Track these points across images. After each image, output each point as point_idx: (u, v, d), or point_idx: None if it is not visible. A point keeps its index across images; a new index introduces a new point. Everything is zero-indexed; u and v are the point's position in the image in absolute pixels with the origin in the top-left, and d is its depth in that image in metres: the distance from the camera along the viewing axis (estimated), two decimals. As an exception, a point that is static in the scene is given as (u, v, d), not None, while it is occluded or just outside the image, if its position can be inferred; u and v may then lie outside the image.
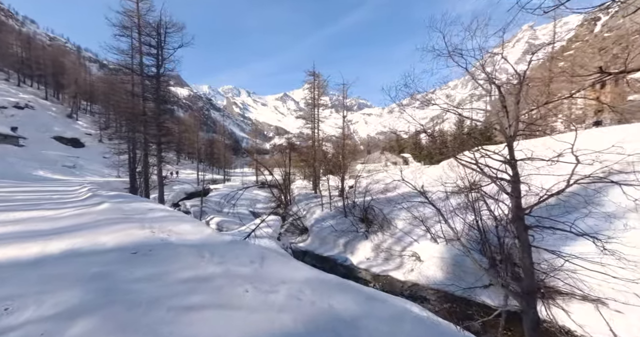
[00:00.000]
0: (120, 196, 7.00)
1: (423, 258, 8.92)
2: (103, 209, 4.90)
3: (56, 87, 60.87)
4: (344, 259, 10.82)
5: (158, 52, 12.09)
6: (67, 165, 32.00)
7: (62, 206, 5.51)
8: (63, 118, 52.97)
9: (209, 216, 16.77)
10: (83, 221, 3.78)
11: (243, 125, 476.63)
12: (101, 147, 43.97)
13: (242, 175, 47.94)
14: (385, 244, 10.35)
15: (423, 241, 9.39)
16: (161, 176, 12.46)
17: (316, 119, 24.74)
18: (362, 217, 12.72)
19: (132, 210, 4.90)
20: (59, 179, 23.41)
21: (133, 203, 5.55)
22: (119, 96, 14.97)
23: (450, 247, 8.56)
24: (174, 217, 4.50)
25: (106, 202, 5.32)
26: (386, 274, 9.24)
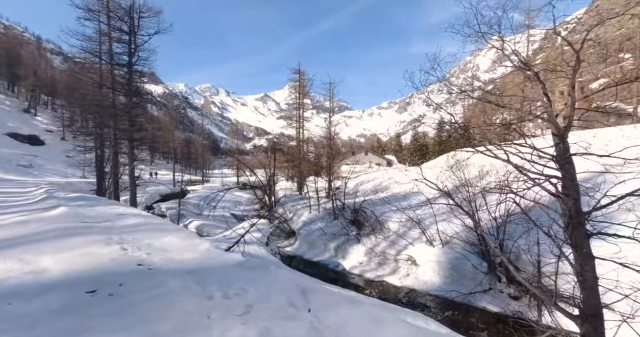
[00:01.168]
0: (83, 198, 5.92)
1: (419, 262, 8.62)
2: (57, 214, 3.94)
3: (11, 79, 55.19)
4: (336, 264, 10.29)
5: (130, 38, 10.78)
6: (22, 165, 28.76)
7: (5, 209, 4.46)
8: (19, 113, 48.03)
9: (187, 220, 15.56)
10: (25, 232, 2.87)
11: (222, 125, 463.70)
12: (64, 145, 40.24)
13: (221, 176, 46.01)
14: (378, 247, 9.97)
15: (418, 243, 9.11)
16: (133, 176, 11.18)
17: (301, 118, 24.14)
18: (353, 220, 12.30)
19: (97, 216, 3.99)
20: (12, 180, 20.80)
21: (98, 207, 4.57)
22: (85, 88, 13.36)
23: (447, 250, 8.33)
24: (153, 225, 3.67)
25: (63, 206, 4.32)
26: (381, 280, 8.84)
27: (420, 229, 9.19)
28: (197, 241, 2.76)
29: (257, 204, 24.98)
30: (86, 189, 21.41)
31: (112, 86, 10.94)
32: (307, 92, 24.10)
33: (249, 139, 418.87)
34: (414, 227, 9.91)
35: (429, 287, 7.85)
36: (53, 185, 13.85)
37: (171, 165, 50.35)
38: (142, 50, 11.02)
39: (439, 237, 8.68)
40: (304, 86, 23.97)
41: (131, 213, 4.31)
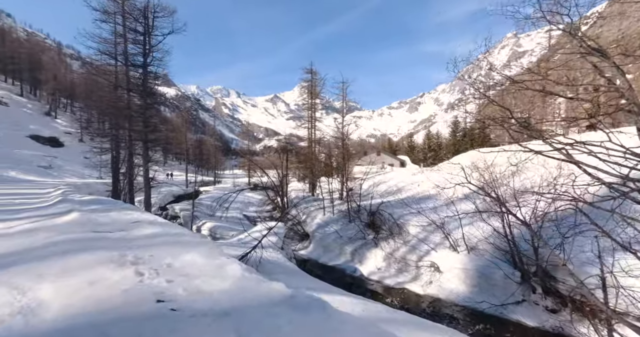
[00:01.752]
0: (97, 202, 5.73)
1: (443, 269, 8.12)
2: (69, 221, 3.77)
3: (33, 83, 57.52)
4: (353, 269, 9.89)
5: (145, 39, 10.74)
6: (42, 166, 29.68)
7: (17, 214, 4.30)
8: (40, 116, 49.88)
9: (200, 221, 15.50)
10: (30, 244, 2.66)
11: (232, 127, 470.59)
12: (82, 147, 41.45)
13: (233, 176, 46.30)
14: (398, 252, 9.51)
15: (441, 249, 8.60)
16: (148, 177, 11.15)
17: (313, 118, 23.84)
18: (369, 223, 11.86)
19: (110, 223, 3.79)
20: (33, 181, 21.42)
21: (112, 212, 4.35)
22: (101, 90, 13.51)
23: (473, 257, 7.80)
24: (171, 236, 3.37)
25: (76, 211, 4.12)
26: (402, 287, 8.39)
27: (444, 234, 8.68)
28: (224, 261, 2.36)
29: (269, 205, 24.86)
30: (102, 190, 21.80)
31: (127, 87, 10.95)
32: (318, 93, 23.79)
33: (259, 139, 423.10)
34: (435, 231, 9.41)
35: (455, 297, 7.35)
36: (70, 186, 14.05)
37: (183, 166, 51.15)
38: (156, 51, 11.02)
39: (464, 243, 8.15)
40: (315, 86, 23.68)
41: (146, 220, 4.00)
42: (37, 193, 11.00)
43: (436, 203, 11.92)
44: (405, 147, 55.08)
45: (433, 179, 15.80)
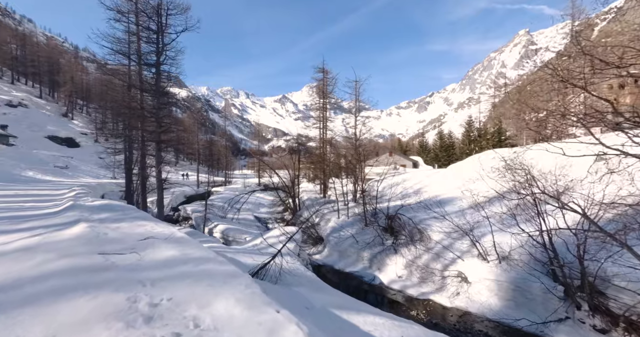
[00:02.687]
0: (108, 208, 5.42)
1: (471, 280, 7.52)
2: (74, 236, 3.40)
3: (51, 85, 59.41)
4: (371, 276, 9.39)
5: (158, 37, 10.56)
6: (59, 166, 30.34)
7: (21, 223, 4.02)
8: (58, 117, 51.34)
9: (212, 223, 15.28)
10: (19, 274, 2.23)
11: (242, 127, 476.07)
12: (96, 147, 42.36)
13: (243, 177, 46.36)
14: (420, 260, 8.95)
15: (468, 258, 8.00)
16: (160, 178, 10.98)
17: (325, 118, 23.41)
18: (386, 227, 11.33)
19: (120, 239, 3.38)
20: (50, 181, 21.82)
21: (123, 222, 3.98)
22: (115, 91, 13.51)
23: (506, 267, 7.18)
24: (194, 262, 2.74)
25: (83, 222, 3.80)
26: (426, 298, 7.83)
27: (471, 241, 8.07)
28: (272, 315, 1.76)
29: (280, 206, 24.56)
30: (116, 191, 22.00)
31: (140, 87, 10.80)
32: (330, 92, 23.33)
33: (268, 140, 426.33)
34: (460, 237, 8.81)
35: (487, 311, 6.76)
36: (84, 187, 14.09)
37: (194, 166, 51.62)
38: (169, 49, 10.82)
39: (495, 251, 7.53)
40: (327, 85, 23.24)
41: (161, 235, 3.52)
42: (50, 194, 10.97)
43: (460, 206, 11.30)
44: (416, 147, 53.97)
45: (454, 179, 15.16)
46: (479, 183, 12.40)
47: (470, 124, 40.00)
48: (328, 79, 22.90)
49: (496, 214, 8.59)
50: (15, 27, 79.48)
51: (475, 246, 7.91)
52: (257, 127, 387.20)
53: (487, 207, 9.52)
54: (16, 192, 11.61)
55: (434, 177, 17.84)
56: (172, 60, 10.79)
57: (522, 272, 6.83)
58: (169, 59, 10.77)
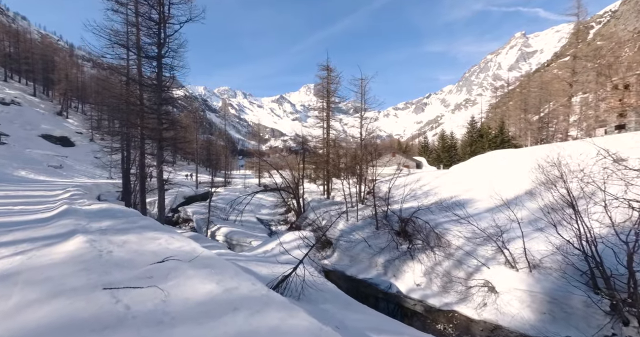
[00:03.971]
0: (108, 214, 4.72)
1: (499, 289, 6.99)
2: (67, 256, 2.67)
3: (46, 83, 58.21)
4: (387, 284, 8.83)
5: (160, 28, 9.84)
6: (53, 165, 29.44)
7: (4, 234, 3.35)
8: (52, 116, 50.19)
9: (214, 226, 14.63)
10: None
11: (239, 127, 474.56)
12: (92, 147, 41.45)
13: (243, 177, 45.61)
14: (440, 267, 8.41)
15: (495, 265, 7.48)
16: (162, 179, 10.30)
17: (328, 117, 22.86)
18: (400, 231, 10.78)
19: (128, 262, 2.64)
20: (43, 181, 20.99)
21: (129, 234, 3.27)
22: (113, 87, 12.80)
23: (539, 277, 6.66)
24: (249, 308, 1.99)
25: (80, 234, 3.12)
26: (449, 309, 7.29)
27: (498, 247, 7.55)
28: None
29: (282, 207, 23.93)
30: (113, 191, 21.22)
31: (139, 80, 10.09)
32: (334, 90, 22.78)
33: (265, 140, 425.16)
34: (484, 243, 8.29)
35: (520, 325, 6.23)
36: (80, 188, 13.38)
37: (191, 166, 50.75)
38: (172, 41, 10.12)
39: (526, 259, 7.00)
40: (331, 83, 22.69)
41: (182, 254, 2.86)
42: (43, 196, 10.27)
43: (477, 208, 10.80)
44: (417, 147, 53.63)
45: (465, 180, 14.67)
46: (496, 183, 11.94)
47: (472, 124, 39.69)
48: (332, 77, 22.36)
49: (523, 217, 8.08)
50: (9, 25, 77.85)
51: (503, 253, 7.38)
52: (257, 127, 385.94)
53: (508, 209, 9.02)
54: (6, 193, 10.88)
55: (443, 178, 17.37)
56: (175, 53, 10.11)
57: (557, 282, 6.31)
58: (171, 52, 10.07)
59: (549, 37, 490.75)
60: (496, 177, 13.16)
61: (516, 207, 9.15)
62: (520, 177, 11.44)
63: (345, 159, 21.90)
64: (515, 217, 7.45)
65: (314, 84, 23.80)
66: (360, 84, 19.55)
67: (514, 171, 12.63)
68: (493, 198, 11.09)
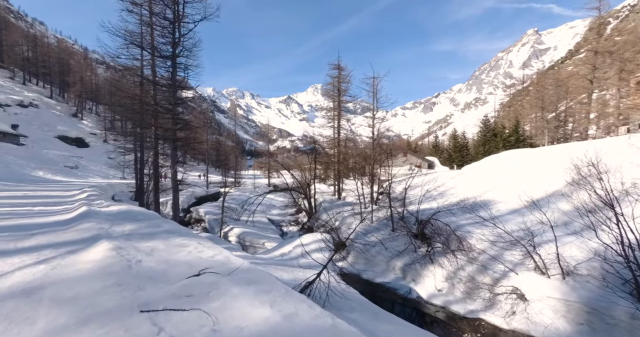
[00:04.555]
0: (129, 216, 4.55)
1: (529, 297, 6.59)
2: (95, 266, 2.42)
3: (62, 86, 59.94)
4: (407, 289, 8.51)
5: (174, 27, 9.80)
6: (69, 166, 30.15)
7: (26, 238, 3.21)
8: (68, 117, 51.59)
9: (227, 226, 14.56)
10: None
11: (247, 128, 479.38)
12: (106, 147, 42.33)
13: (253, 177, 45.75)
14: (463, 272, 8.03)
15: (523, 271, 7.07)
16: (176, 179, 10.26)
17: (339, 116, 22.58)
18: (417, 233, 10.42)
19: (161, 274, 2.34)
20: (59, 181, 21.45)
21: (155, 240, 2.95)
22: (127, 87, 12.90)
23: (573, 285, 6.23)
24: (306, 333, 1.74)
25: (104, 239, 2.92)
26: (475, 317, 6.92)
27: (527, 251, 7.13)
28: None
29: (292, 208, 23.78)
30: (126, 191, 21.50)
31: (153, 80, 10.08)
32: (345, 89, 22.49)
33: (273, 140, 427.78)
34: (510, 247, 7.87)
35: (554, 336, 5.82)
36: (95, 188, 13.52)
37: (201, 166, 51.30)
38: (186, 40, 10.07)
39: (559, 265, 6.57)
40: (342, 82, 22.41)
41: (218, 264, 2.57)
42: (61, 196, 10.37)
43: (499, 210, 10.34)
44: (428, 147, 52.73)
45: (483, 180, 14.12)
46: (520, 183, 11.44)
47: (486, 123, 38.70)
48: (343, 76, 22.08)
49: (553, 220, 7.62)
50: (27, 30, 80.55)
51: (532, 258, 6.96)
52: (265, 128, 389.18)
53: (534, 211, 8.57)
54: (25, 193, 11.05)
55: (459, 178, 16.87)
56: (189, 52, 10.05)
57: (596, 291, 5.87)
58: (186, 51, 10.01)
59: (562, 34, 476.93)
60: (519, 177, 12.64)
61: (545, 209, 8.70)
62: (548, 177, 10.93)
63: (357, 159, 21.57)
64: (548, 220, 7.00)
65: (324, 84, 23.57)
66: (372, 82, 19.18)
67: (539, 171, 12.10)
68: (517, 199, 10.63)
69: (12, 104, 43.91)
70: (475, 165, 21.81)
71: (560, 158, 13.17)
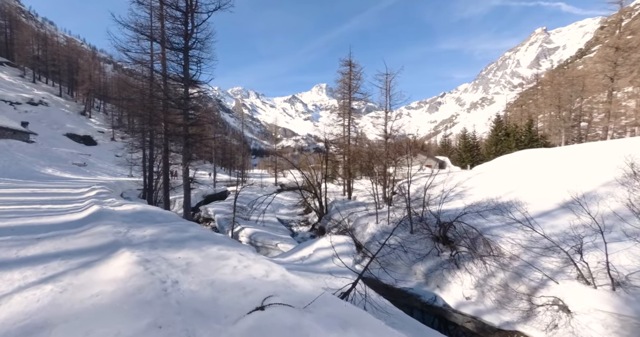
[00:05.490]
0: (147, 217, 4.03)
1: (573, 309, 6.01)
2: (118, 290, 1.82)
3: (70, 84, 60.52)
4: (431, 296, 7.98)
5: (187, 17, 9.36)
6: (77, 164, 30.18)
7: (31, 243, 2.75)
8: (76, 115, 51.99)
9: (237, 226, 14.17)
10: None
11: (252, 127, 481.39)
12: (113, 145, 42.48)
13: (260, 177, 45.49)
14: (494, 279, 7.47)
15: (564, 280, 6.48)
16: (187, 178, 9.86)
17: (350, 114, 22.04)
18: (438, 236, 9.86)
19: (209, 303, 1.74)
20: (68, 178, 21.36)
21: (185, 248, 2.54)
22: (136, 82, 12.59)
23: (627, 297, 5.63)
24: None
25: (125, 248, 2.44)
26: (512, 329, 6.37)
27: (567, 257, 6.54)
28: None
29: (301, 207, 23.34)
30: (134, 189, 21.31)
31: (163, 72, 9.65)
32: (356, 86, 21.93)
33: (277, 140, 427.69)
34: (546, 253, 7.28)
35: (608, 353, 5.25)
36: (104, 186, 13.26)
37: (207, 165, 51.25)
38: (199, 31, 9.61)
39: (608, 274, 5.98)
40: (352, 79, 21.87)
41: (279, 289, 2.06)
42: (70, 193, 10.07)
43: (527, 213, 9.71)
44: (437, 146, 51.83)
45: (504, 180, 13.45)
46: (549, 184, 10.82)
47: (498, 123, 37.75)
48: (354, 73, 21.53)
49: (593, 224, 7.01)
50: (38, 29, 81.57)
51: (576, 266, 6.37)
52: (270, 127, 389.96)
53: (569, 214, 7.98)
54: (33, 191, 10.79)
55: (476, 178, 16.21)
56: (202, 44, 9.60)
57: (656, 304, 5.28)
58: (199, 43, 9.57)
59: (572, 33, 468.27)
60: (544, 178, 11.99)
61: (579, 212, 8.09)
62: (580, 177, 10.27)
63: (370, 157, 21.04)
64: (598, 224, 6.39)
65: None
66: (385, 79, 18.61)
67: (567, 171, 11.43)
68: (546, 201, 10.02)
69: (23, 102, 44.33)
70: (488, 164, 21.10)
71: (591, 157, 12.47)
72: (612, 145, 13.07)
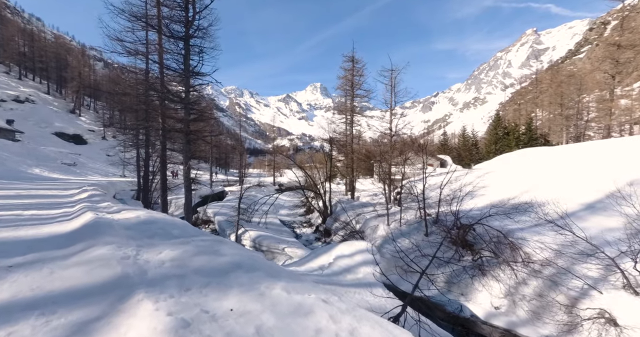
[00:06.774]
0: (157, 229, 2.98)
1: (623, 323, 5.47)
2: None
3: (59, 81, 58.55)
4: (456, 305, 7.39)
5: (188, 1, 8.52)
6: (67, 163, 28.88)
7: (16, 272, 1.91)
8: (65, 113, 50.21)
9: (240, 229, 13.39)
10: None
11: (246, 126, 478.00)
12: (104, 144, 41.05)
13: (258, 176, 44.55)
14: (526, 287, 6.91)
15: (609, 289, 5.95)
16: (189, 178, 9.05)
17: (352, 111, 21.41)
18: (456, 239, 9.30)
19: None
20: (57, 178, 20.23)
21: (235, 289, 1.68)
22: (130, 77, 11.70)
23: (684, 308, 5.11)
24: None
25: (144, 295, 1.48)
26: (553, 343, 5.80)
27: (613, 263, 6.01)
28: None
29: (302, 208, 22.64)
30: (127, 190, 20.28)
31: (160, 62, 8.72)
32: (358, 83, 21.32)
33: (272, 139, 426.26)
34: (584, 258, 6.75)
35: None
36: (96, 186, 12.34)
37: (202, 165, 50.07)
38: (202, 18, 8.76)
39: (658, 284, 5.45)
40: (355, 75, 21.24)
41: None
42: (58, 195, 9.18)
43: (548, 215, 9.21)
44: (436, 145, 51.68)
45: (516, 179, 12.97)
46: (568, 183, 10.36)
47: (497, 121, 37.64)
48: (357, 69, 20.91)
49: (621, 227, 6.51)
50: (24, 25, 78.77)
51: (623, 274, 5.84)
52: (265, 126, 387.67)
53: (597, 215, 7.49)
54: (18, 192, 9.85)
55: (486, 177, 15.74)
56: (204, 33, 8.76)
57: None
58: (200, 31, 8.72)
59: (561, 34, 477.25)
60: (562, 177, 11.54)
61: (606, 213, 7.61)
62: (601, 176, 9.82)
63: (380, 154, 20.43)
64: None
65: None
66: (390, 75, 18.03)
67: (587, 169, 11.00)
68: (569, 201, 9.53)
69: (8, 99, 42.52)
70: (491, 163, 20.82)
71: (607, 155, 12.10)
72: (627, 142, 12.73)
